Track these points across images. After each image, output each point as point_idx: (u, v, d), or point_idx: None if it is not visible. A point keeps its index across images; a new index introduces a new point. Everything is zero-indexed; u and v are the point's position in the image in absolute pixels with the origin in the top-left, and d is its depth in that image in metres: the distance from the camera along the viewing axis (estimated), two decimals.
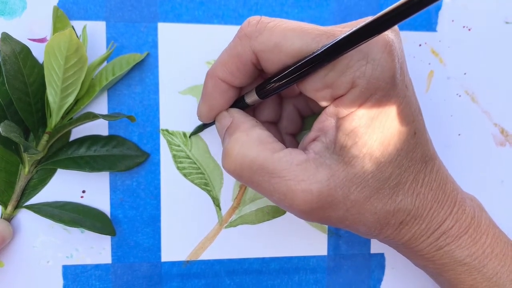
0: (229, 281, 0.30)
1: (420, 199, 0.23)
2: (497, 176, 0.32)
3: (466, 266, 0.24)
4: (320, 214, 0.22)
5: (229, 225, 0.30)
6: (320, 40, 0.20)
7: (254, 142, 0.22)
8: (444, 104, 0.31)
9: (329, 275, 0.31)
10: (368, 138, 0.21)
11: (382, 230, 0.24)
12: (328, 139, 0.22)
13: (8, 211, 0.27)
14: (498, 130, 0.32)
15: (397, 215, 0.23)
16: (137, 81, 0.28)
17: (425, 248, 0.24)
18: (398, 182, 0.22)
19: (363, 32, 0.18)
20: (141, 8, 0.28)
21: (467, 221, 0.24)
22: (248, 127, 0.23)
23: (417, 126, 0.23)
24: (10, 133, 0.23)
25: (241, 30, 0.22)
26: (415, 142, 0.22)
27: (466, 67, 0.31)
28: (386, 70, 0.21)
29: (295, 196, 0.22)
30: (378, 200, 0.22)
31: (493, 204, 0.32)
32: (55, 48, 0.24)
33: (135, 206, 0.29)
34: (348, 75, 0.20)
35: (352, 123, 0.21)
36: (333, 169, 0.21)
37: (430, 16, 0.31)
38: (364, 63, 0.20)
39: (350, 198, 0.22)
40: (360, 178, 0.22)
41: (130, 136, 0.28)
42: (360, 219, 0.23)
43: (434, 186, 0.23)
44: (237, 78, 0.23)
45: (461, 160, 0.32)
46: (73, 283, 0.28)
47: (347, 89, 0.21)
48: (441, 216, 0.24)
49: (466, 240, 0.24)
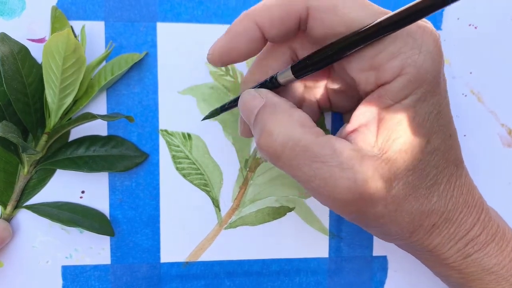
0: (229, 282, 0.30)
1: (453, 202, 0.23)
2: (504, 177, 0.31)
3: (493, 275, 0.23)
4: (358, 206, 0.21)
5: (228, 226, 0.29)
6: (378, 17, 0.19)
7: (296, 123, 0.21)
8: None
9: (330, 277, 0.30)
10: (411, 134, 0.20)
11: (413, 233, 0.23)
12: (369, 131, 0.21)
13: (7, 211, 0.27)
14: (505, 131, 0.31)
15: (431, 216, 0.22)
16: (136, 81, 0.28)
17: (452, 256, 0.23)
18: (434, 182, 0.22)
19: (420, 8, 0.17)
20: (140, 8, 0.28)
21: (494, 229, 0.24)
22: (288, 107, 0.22)
23: (453, 128, 0.22)
24: (8, 134, 0.23)
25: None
26: (450, 144, 0.22)
27: (472, 66, 0.30)
28: (436, 64, 0.20)
29: (338, 184, 0.20)
30: (415, 199, 0.22)
31: (500, 206, 0.31)
32: (53, 48, 0.24)
33: (134, 207, 0.29)
34: (398, 60, 0.20)
35: (395, 116, 0.20)
36: (377, 161, 0.21)
37: (435, 14, 0.30)
38: (417, 52, 0.20)
39: (391, 194, 0.21)
40: (401, 174, 0.21)
41: (129, 137, 0.28)
42: (396, 217, 0.22)
43: (464, 190, 0.23)
44: (274, 29, 0.21)
45: (467, 162, 0.31)
46: (72, 284, 0.28)
47: (394, 76, 0.20)
48: (470, 221, 0.23)
49: (494, 248, 0.23)
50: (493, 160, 0.31)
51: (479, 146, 0.31)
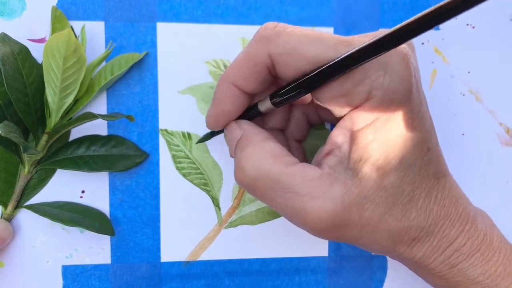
0: (229, 281, 0.30)
1: (433, 216, 0.23)
2: (502, 177, 0.32)
3: (479, 285, 0.23)
4: (333, 232, 0.22)
5: (229, 226, 0.30)
6: (338, 48, 0.20)
7: (267, 155, 0.22)
8: (447, 103, 0.31)
9: (330, 276, 0.31)
10: (382, 153, 0.21)
11: (395, 248, 0.23)
12: (342, 153, 0.22)
13: (8, 211, 0.27)
14: (503, 130, 0.31)
15: (410, 232, 0.22)
16: (136, 81, 0.28)
17: (437, 267, 0.24)
18: (411, 198, 0.22)
19: (385, 42, 0.18)
20: (140, 8, 0.28)
21: (479, 239, 0.24)
22: (261, 139, 0.23)
23: (431, 142, 0.22)
24: (10, 134, 0.23)
25: (258, 33, 0.22)
26: (428, 159, 0.22)
27: (470, 65, 0.31)
28: (404, 82, 0.20)
29: (309, 213, 0.21)
30: (392, 217, 0.22)
31: (498, 205, 0.32)
32: (54, 48, 0.24)
33: (134, 206, 0.29)
34: (365, 85, 0.20)
35: (366, 137, 0.21)
36: (347, 184, 0.21)
37: None
38: (382, 73, 0.20)
39: (364, 216, 0.21)
40: (373, 194, 0.21)
41: (129, 136, 0.28)
42: (374, 237, 0.22)
43: (446, 203, 0.23)
44: (250, 83, 0.23)
45: (465, 161, 0.31)
46: (72, 283, 0.28)
47: (363, 100, 0.20)
48: (453, 233, 0.23)
49: (479, 258, 0.23)
50: (491, 159, 0.31)
51: (477, 145, 0.31)
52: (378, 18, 0.30)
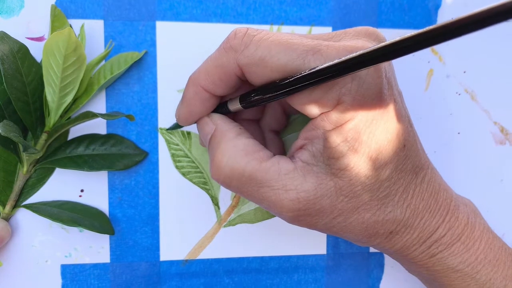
0: (228, 280, 0.30)
1: (411, 209, 0.23)
2: (497, 175, 0.32)
3: (459, 273, 0.24)
4: (307, 220, 0.23)
5: (228, 224, 0.30)
6: (305, 57, 0.20)
7: (241, 152, 0.22)
8: (443, 102, 0.31)
9: (328, 274, 0.31)
10: (355, 152, 0.21)
11: (370, 239, 0.24)
12: (315, 148, 0.22)
13: (6, 210, 0.27)
14: (498, 129, 0.32)
15: (386, 225, 0.23)
16: (135, 79, 0.28)
17: (417, 256, 0.24)
18: (388, 193, 0.22)
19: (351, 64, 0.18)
20: (139, 7, 0.28)
21: (460, 228, 0.24)
22: (233, 136, 0.23)
23: (407, 138, 0.22)
24: (10, 133, 0.23)
25: (227, 41, 0.22)
26: (404, 155, 0.22)
27: (465, 65, 0.31)
28: (372, 86, 0.20)
29: (283, 205, 0.22)
30: (366, 211, 0.22)
31: (492, 203, 0.32)
32: (54, 47, 0.24)
33: (134, 205, 0.29)
34: (334, 92, 0.20)
35: (339, 137, 0.21)
36: (321, 177, 0.22)
37: (429, 14, 0.30)
38: (350, 80, 0.20)
39: (337, 207, 0.22)
40: (348, 189, 0.22)
41: (128, 135, 0.28)
42: (347, 227, 0.23)
43: (425, 196, 0.23)
44: (219, 88, 0.23)
45: (461, 159, 0.32)
46: (71, 282, 0.28)
47: (334, 105, 0.21)
48: (433, 225, 0.24)
49: (459, 247, 0.24)
50: (485, 157, 0.32)
51: (472, 144, 0.32)
52: (375, 18, 0.30)
